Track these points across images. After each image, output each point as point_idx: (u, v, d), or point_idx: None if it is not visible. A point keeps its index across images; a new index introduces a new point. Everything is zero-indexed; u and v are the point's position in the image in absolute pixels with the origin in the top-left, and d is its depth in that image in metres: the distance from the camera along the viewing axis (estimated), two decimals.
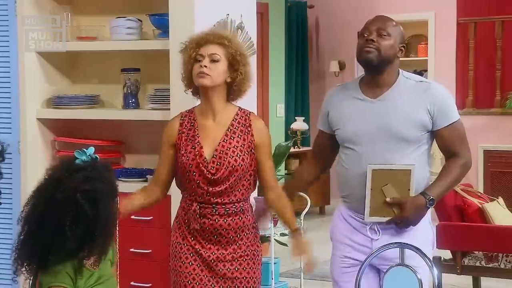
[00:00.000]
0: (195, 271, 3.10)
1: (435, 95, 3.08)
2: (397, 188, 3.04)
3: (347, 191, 3.13)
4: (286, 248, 5.32)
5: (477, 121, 8.83)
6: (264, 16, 8.48)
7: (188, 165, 3.05)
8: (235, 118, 3.14)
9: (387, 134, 3.05)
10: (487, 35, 8.76)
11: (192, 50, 3.10)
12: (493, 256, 5.09)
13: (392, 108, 3.06)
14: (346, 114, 3.12)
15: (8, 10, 4.56)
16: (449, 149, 3.14)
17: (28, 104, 4.55)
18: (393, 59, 3.08)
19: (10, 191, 4.49)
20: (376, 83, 3.10)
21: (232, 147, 3.08)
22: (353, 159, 3.08)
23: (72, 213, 2.50)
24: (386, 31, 3.05)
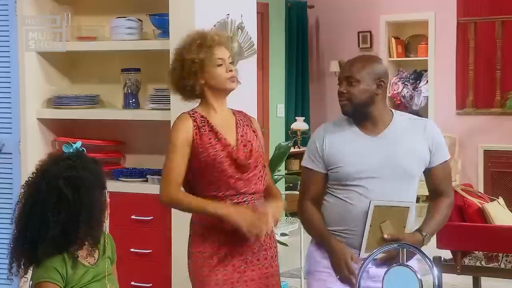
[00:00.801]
0: (233, 275, 3.06)
1: (434, 133, 3.14)
2: (394, 225, 3.05)
3: (347, 226, 3.07)
4: (287, 248, 5.33)
5: (477, 121, 8.83)
6: (264, 16, 8.48)
7: (219, 156, 3.03)
8: (235, 114, 3.19)
9: (393, 169, 3.03)
10: (487, 35, 8.76)
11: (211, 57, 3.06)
12: (493, 256, 5.09)
13: (396, 144, 3.05)
14: (348, 151, 3.06)
15: (8, 10, 4.56)
16: (438, 187, 3.15)
17: (28, 104, 4.56)
18: (372, 100, 3.05)
19: (11, 191, 4.49)
20: (370, 123, 3.09)
21: (249, 136, 3.14)
22: (356, 195, 3.03)
23: (54, 199, 2.54)
24: (354, 78, 3.03)
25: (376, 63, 3.10)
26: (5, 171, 4.53)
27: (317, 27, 10.05)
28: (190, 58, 3.06)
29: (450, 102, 9.03)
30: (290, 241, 5.83)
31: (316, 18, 10.00)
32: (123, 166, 4.65)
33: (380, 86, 3.06)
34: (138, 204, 4.32)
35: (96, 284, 2.65)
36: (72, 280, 2.59)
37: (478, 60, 8.84)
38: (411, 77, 9.70)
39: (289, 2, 9.29)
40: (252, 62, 4.49)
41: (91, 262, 2.67)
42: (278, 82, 8.80)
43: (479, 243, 5.10)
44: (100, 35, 4.56)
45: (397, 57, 9.72)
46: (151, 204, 4.24)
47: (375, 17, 9.54)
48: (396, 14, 9.51)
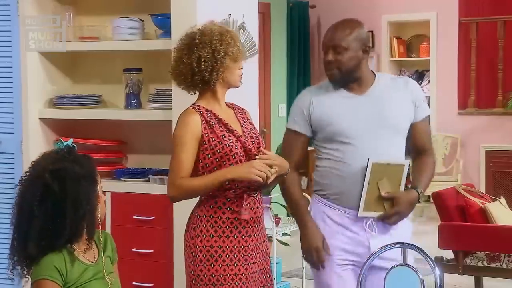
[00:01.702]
0: (240, 271, 3.05)
1: (416, 89, 3.22)
2: (390, 183, 3.06)
3: (340, 186, 3.10)
4: (288, 248, 5.33)
5: (479, 121, 8.83)
6: (266, 16, 8.48)
7: (234, 147, 3.03)
8: (232, 107, 3.21)
9: (382, 125, 3.09)
10: (489, 35, 8.76)
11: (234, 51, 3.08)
12: (495, 256, 5.09)
13: (382, 101, 3.12)
14: (335, 110, 3.11)
15: (10, 10, 4.56)
16: (422, 143, 3.21)
17: (30, 104, 4.56)
18: (359, 65, 3.11)
19: (12, 191, 4.48)
20: (356, 84, 3.15)
21: (250, 127, 3.16)
22: (349, 153, 3.07)
23: (40, 192, 2.54)
24: (341, 46, 3.07)
25: (360, 28, 3.14)
26: (7, 171, 4.53)
27: (318, 27, 10.05)
28: (225, 50, 3.06)
29: (451, 102, 9.03)
30: (291, 241, 5.82)
31: (317, 18, 10.00)
32: (125, 166, 4.65)
33: (366, 51, 3.13)
34: (140, 204, 4.32)
35: (96, 282, 2.64)
36: (72, 277, 2.58)
37: (480, 60, 8.84)
38: (412, 77, 9.71)
39: (290, 2, 9.29)
40: (254, 62, 4.49)
41: (90, 259, 2.67)
42: (280, 82, 8.80)
43: (481, 243, 5.10)
44: (102, 35, 4.57)
45: (399, 57, 9.73)
46: (153, 204, 4.25)
47: (377, 17, 9.55)
48: (398, 14, 9.52)
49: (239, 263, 3.06)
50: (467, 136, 8.89)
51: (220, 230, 3.06)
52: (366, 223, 3.10)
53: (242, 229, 3.07)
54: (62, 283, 2.56)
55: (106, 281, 2.67)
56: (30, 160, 4.41)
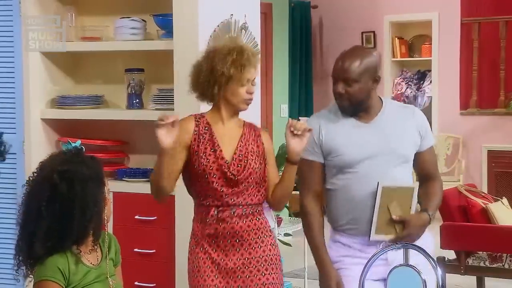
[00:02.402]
0: (221, 284, 3.06)
1: (422, 119, 3.22)
2: (400, 206, 3.07)
3: (351, 215, 3.10)
4: (290, 248, 5.33)
5: (481, 121, 8.82)
6: (268, 16, 8.48)
7: (208, 167, 3.03)
8: (245, 127, 3.17)
9: (389, 153, 3.09)
10: (491, 35, 8.76)
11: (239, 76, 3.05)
12: (497, 256, 5.08)
13: (389, 128, 3.12)
14: (345, 140, 3.10)
15: (12, 11, 4.57)
16: (429, 171, 3.23)
17: (32, 104, 4.56)
18: (368, 96, 3.10)
19: (15, 191, 4.50)
20: (363, 112, 3.14)
21: (250, 151, 3.11)
22: (356, 180, 3.07)
23: (48, 193, 2.54)
24: (351, 78, 3.04)
25: (370, 57, 3.10)
26: (9, 171, 4.53)
27: (320, 27, 10.05)
28: (221, 70, 3.05)
29: (453, 102, 9.02)
30: (293, 241, 5.83)
31: (319, 18, 10.00)
32: (126, 166, 4.65)
33: (376, 81, 3.12)
34: (141, 204, 4.32)
35: (98, 285, 2.65)
36: (74, 279, 2.59)
37: (482, 60, 8.83)
38: (414, 77, 9.70)
39: (292, 2, 9.29)
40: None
41: (93, 262, 2.67)
42: (282, 82, 8.81)
43: (483, 243, 5.09)
44: (104, 35, 4.57)
45: (401, 57, 9.72)
46: (154, 204, 4.20)
47: (378, 17, 9.54)
48: (400, 14, 9.51)
49: (219, 275, 3.07)
50: (469, 136, 8.88)
51: (200, 244, 3.09)
52: (380, 245, 3.08)
53: (220, 243, 3.07)
54: (65, 285, 2.57)
55: (108, 283, 2.68)
56: (32, 160, 4.48)
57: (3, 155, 2.59)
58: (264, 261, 3.11)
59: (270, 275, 3.11)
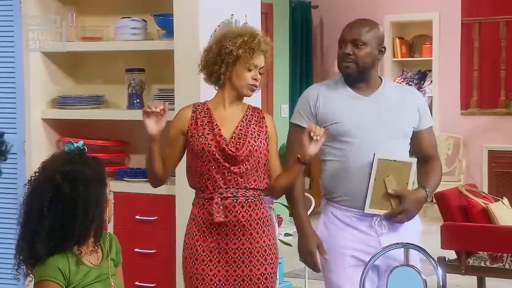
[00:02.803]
0: (220, 272, 3.07)
1: (421, 99, 3.27)
2: (397, 181, 3.06)
3: (346, 186, 3.11)
4: (291, 248, 5.32)
5: (482, 121, 8.82)
6: (268, 16, 8.48)
7: (207, 145, 3.05)
8: (248, 110, 3.19)
9: (387, 127, 3.11)
10: (492, 36, 8.76)
11: (247, 59, 3.06)
12: (498, 256, 5.08)
13: (388, 104, 3.14)
14: (342, 109, 3.12)
15: (13, 11, 4.57)
16: (428, 152, 3.23)
17: (33, 104, 4.56)
18: (373, 64, 3.14)
19: (15, 191, 4.50)
20: (364, 84, 3.16)
21: (250, 131, 3.12)
22: (353, 151, 3.08)
23: (51, 193, 2.54)
24: (361, 41, 3.08)
25: (379, 28, 3.18)
26: (10, 171, 4.53)
27: (321, 27, 10.05)
28: (230, 48, 3.07)
29: (454, 102, 9.02)
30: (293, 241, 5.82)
31: (320, 18, 10.00)
32: (127, 166, 4.65)
33: (381, 52, 3.16)
34: (142, 204, 4.32)
35: (99, 285, 2.65)
36: (75, 279, 2.58)
37: (483, 60, 8.83)
38: (415, 77, 9.70)
39: (293, 2, 9.29)
40: None
41: (94, 262, 2.67)
42: (282, 82, 8.81)
43: (483, 244, 5.09)
44: (104, 36, 4.57)
45: (401, 57, 9.72)
46: (155, 204, 4.25)
47: (379, 17, 9.53)
48: (400, 14, 9.51)
49: (218, 264, 3.08)
50: (470, 136, 8.88)
51: (201, 230, 3.10)
52: (375, 221, 3.10)
53: (221, 231, 3.08)
54: (65, 285, 2.57)
55: (109, 284, 2.68)
56: (33, 160, 4.48)
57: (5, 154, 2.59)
58: (264, 252, 3.12)
59: (269, 265, 3.13)
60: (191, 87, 4.09)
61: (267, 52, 3.13)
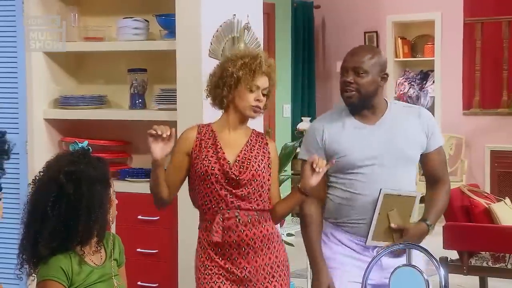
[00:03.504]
0: None
1: (429, 119, 3.19)
2: (400, 214, 3.06)
3: (351, 215, 3.10)
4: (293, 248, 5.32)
5: (484, 122, 8.82)
6: (271, 17, 8.48)
7: (210, 168, 3.04)
8: (252, 135, 3.17)
9: (394, 155, 3.08)
10: (494, 36, 8.75)
11: (248, 80, 3.06)
12: (500, 256, 5.08)
13: (395, 130, 3.11)
14: (350, 141, 3.09)
15: (15, 11, 4.57)
16: (435, 173, 3.20)
17: (35, 104, 4.57)
18: (376, 91, 3.10)
19: (17, 191, 4.50)
20: (369, 112, 3.13)
21: (254, 155, 3.11)
22: (360, 183, 3.07)
23: (55, 193, 2.54)
24: (362, 69, 3.04)
25: (380, 55, 3.14)
26: (12, 171, 4.53)
27: (323, 27, 10.05)
28: (231, 70, 3.08)
29: (456, 102, 9.02)
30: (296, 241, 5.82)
31: (322, 19, 10.00)
32: (129, 166, 4.66)
33: (384, 78, 3.12)
34: (144, 204, 4.31)
35: (102, 285, 2.65)
36: (77, 279, 2.59)
37: (485, 60, 8.82)
38: (417, 77, 9.69)
39: (295, 3, 9.29)
40: None
41: (97, 262, 2.67)
42: (284, 82, 8.80)
43: (485, 244, 5.09)
44: (106, 36, 4.57)
45: (404, 57, 9.71)
46: None
47: (381, 17, 9.54)
48: (403, 14, 9.50)
49: (227, 282, 3.06)
50: (472, 136, 8.87)
51: (207, 252, 3.09)
52: (377, 251, 3.07)
53: (226, 252, 3.06)
54: (67, 285, 2.57)
55: (112, 284, 2.68)
56: (35, 160, 4.49)
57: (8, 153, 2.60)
58: (270, 268, 3.11)
59: (278, 282, 3.11)
60: (193, 87, 4.10)
61: (270, 73, 3.12)
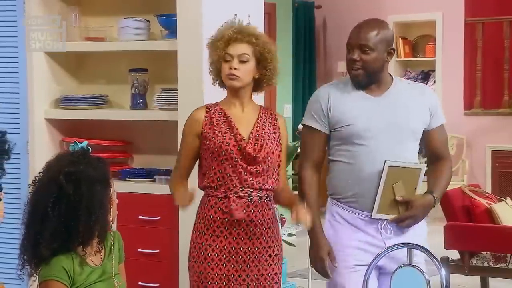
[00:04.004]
0: (229, 272, 3.07)
1: (433, 97, 3.23)
2: (405, 186, 3.05)
3: (356, 189, 3.09)
4: (294, 248, 5.32)
5: (485, 122, 8.82)
6: (272, 17, 8.48)
7: (225, 143, 3.04)
8: (261, 111, 3.20)
9: (397, 127, 3.08)
10: (495, 36, 8.75)
11: (220, 49, 3.11)
12: (501, 256, 5.08)
13: (399, 103, 3.12)
14: (354, 111, 3.09)
15: (16, 11, 4.57)
16: (438, 150, 3.21)
17: (36, 104, 4.57)
18: (382, 67, 3.10)
19: (19, 191, 4.50)
20: (375, 85, 3.14)
21: (266, 132, 3.13)
22: (364, 155, 3.06)
23: (55, 194, 2.54)
24: (368, 46, 3.04)
25: (386, 29, 3.13)
26: (13, 171, 4.53)
27: (324, 27, 10.05)
28: (210, 53, 3.17)
29: (457, 102, 9.02)
30: (297, 241, 5.82)
31: (323, 19, 10.00)
32: (130, 166, 4.65)
33: (390, 53, 3.12)
34: (145, 204, 4.32)
35: (101, 284, 2.65)
36: (79, 279, 2.59)
37: (486, 60, 8.82)
38: (418, 77, 9.69)
39: (296, 3, 9.29)
40: None
41: (96, 263, 2.67)
42: (285, 82, 8.80)
43: (487, 244, 5.09)
44: (107, 36, 4.57)
45: (405, 57, 9.71)
46: (158, 204, 4.25)
47: (382, 17, 9.36)
48: (404, 14, 9.50)
49: (228, 263, 3.07)
50: (473, 136, 8.87)
51: (212, 229, 3.09)
52: (381, 225, 3.09)
53: (233, 231, 3.07)
54: (69, 284, 2.57)
55: (112, 282, 2.68)
56: (36, 160, 4.48)
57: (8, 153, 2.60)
58: (272, 252, 3.14)
59: (276, 266, 3.15)
60: (194, 87, 4.10)
61: (250, 38, 3.11)
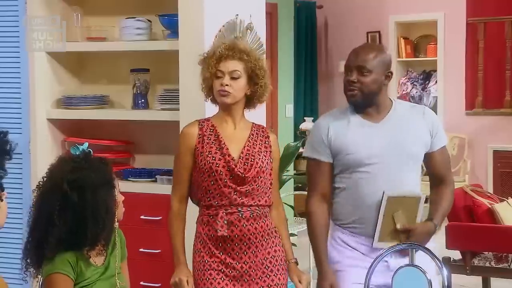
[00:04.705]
0: (227, 286, 3.06)
1: (433, 119, 3.20)
2: (405, 215, 3.06)
3: (357, 215, 3.09)
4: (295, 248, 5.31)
5: (487, 122, 8.81)
6: (273, 17, 8.47)
7: (215, 164, 3.04)
8: (253, 128, 3.18)
9: (399, 153, 3.07)
10: (497, 35, 8.74)
11: (212, 66, 3.10)
12: (503, 256, 5.08)
13: (399, 128, 3.11)
14: (355, 139, 3.09)
15: (18, 11, 4.58)
16: (440, 172, 3.20)
17: (38, 104, 4.57)
18: (380, 90, 3.10)
19: (21, 191, 4.51)
20: (373, 110, 3.13)
21: (257, 151, 3.11)
22: (365, 181, 3.06)
23: (60, 202, 2.54)
24: (366, 68, 3.04)
25: (385, 53, 3.14)
26: (15, 171, 4.54)
27: (326, 27, 10.04)
28: (202, 70, 3.16)
29: (459, 102, 9.01)
30: (298, 241, 5.82)
31: (325, 18, 10.00)
32: (132, 166, 4.66)
33: (388, 77, 3.12)
34: (147, 204, 4.32)
35: (103, 283, 2.66)
36: (82, 277, 2.60)
37: (488, 60, 8.82)
38: (420, 77, 9.69)
39: (298, 2, 9.28)
40: None
41: (99, 263, 2.68)
42: (287, 82, 8.79)
43: (488, 244, 5.08)
44: (109, 36, 4.58)
45: (406, 57, 9.71)
46: (160, 204, 4.25)
47: (384, 17, 9.54)
48: (405, 14, 9.50)
49: (226, 278, 3.07)
50: (475, 136, 8.87)
51: (207, 247, 3.09)
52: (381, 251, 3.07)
53: (227, 247, 3.07)
54: (74, 278, 2.57)
55: (114, 280, 2.68)
56: (38, 160, 4.49)
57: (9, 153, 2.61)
58: (269, 263, 3.12)
59: (276, 276, 3.12)
60: (195, 87, 4.07)
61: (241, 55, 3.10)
